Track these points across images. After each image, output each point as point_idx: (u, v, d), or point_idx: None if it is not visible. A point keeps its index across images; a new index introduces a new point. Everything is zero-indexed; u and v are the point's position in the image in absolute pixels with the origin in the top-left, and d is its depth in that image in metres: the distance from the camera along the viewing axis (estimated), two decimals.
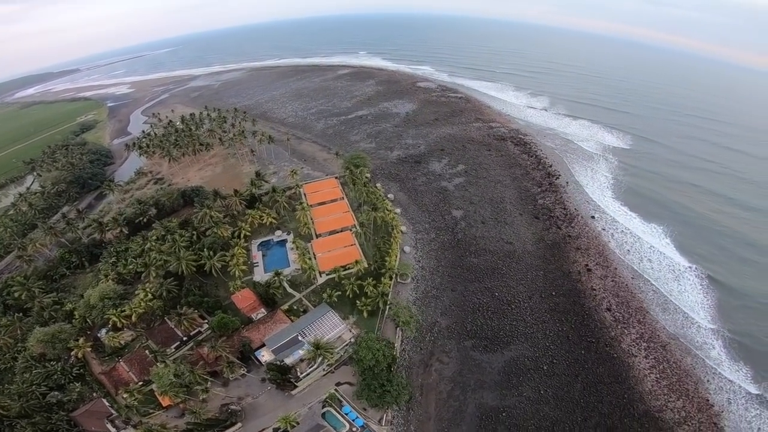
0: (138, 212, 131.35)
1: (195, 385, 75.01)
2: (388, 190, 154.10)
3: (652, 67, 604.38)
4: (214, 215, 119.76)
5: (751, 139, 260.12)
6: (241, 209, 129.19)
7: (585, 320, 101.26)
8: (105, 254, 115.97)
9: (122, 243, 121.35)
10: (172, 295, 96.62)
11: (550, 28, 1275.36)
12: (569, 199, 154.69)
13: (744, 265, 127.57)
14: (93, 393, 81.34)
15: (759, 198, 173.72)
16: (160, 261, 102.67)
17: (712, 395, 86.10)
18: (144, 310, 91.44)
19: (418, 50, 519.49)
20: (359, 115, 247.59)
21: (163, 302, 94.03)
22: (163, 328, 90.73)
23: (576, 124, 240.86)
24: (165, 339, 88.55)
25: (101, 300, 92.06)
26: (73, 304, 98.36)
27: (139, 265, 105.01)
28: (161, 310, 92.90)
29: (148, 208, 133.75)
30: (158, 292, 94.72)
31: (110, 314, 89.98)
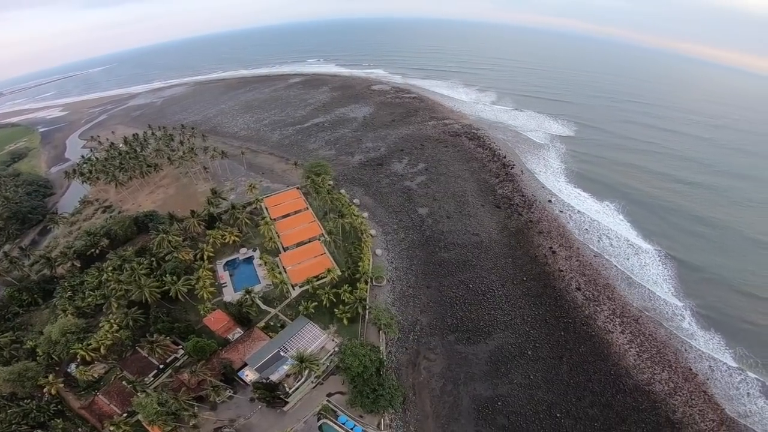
0: (89, 244, 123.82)
1: (182, 412, 72.16)
2: (353, 195, 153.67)
3: (588, 57, 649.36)
4: (173, 239, 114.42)
5: (682, 119, 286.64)
6: (201, 230, 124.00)
7: (558, 302, 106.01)
8: (59, 289, 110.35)
9: (76, 277, 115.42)
10: (139, 324, 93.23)
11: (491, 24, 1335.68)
12: (526, 186, 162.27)
13: (694, 238, 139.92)
14: (78, 429, 78.46)
15: (697, 173, 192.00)
16: (120, 291, 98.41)
17: (693, 364, 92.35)
18: (112, 342, 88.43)
19: (371, 54, 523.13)
20: (315, 122, 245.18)
21: (131, 332, 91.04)
22: (136, 358, 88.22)
23: (523, 116, 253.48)
24: (141, 368, 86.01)
25: (63, 335, 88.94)
26: (34, 341, 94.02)
27: (98, 297, 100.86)
28: (130, 340, 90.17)
29: (99, 239, 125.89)
30: (124, 322, 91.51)
31: (76, 348, 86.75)
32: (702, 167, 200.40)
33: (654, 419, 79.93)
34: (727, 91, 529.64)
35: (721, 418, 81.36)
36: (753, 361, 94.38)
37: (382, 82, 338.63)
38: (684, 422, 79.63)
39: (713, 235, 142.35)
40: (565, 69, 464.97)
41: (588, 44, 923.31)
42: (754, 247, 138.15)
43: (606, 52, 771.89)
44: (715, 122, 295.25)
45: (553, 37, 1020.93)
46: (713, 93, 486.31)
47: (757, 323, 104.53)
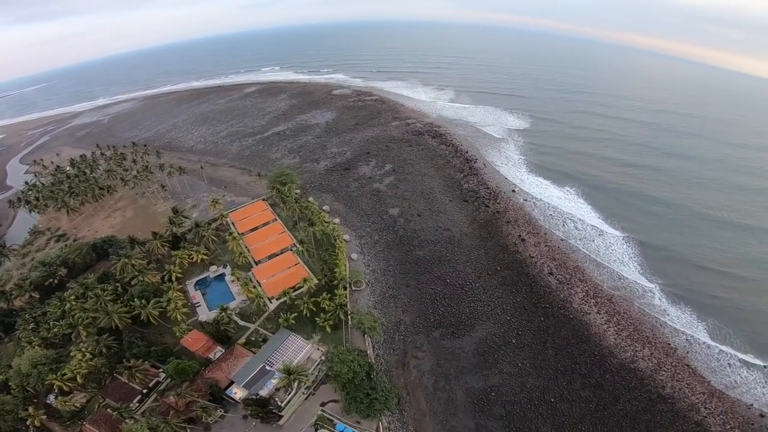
0: (46, 274, 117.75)
1: None
2: (322, 202, 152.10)
3: (537, 51, 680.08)
4: (136, 263, 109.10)
5: (627, 107, 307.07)
6: (165, 252, 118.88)
7: (534, 288, 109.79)
8: (20, 321, 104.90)
9: (37, 308, 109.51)
10: (113, 350, 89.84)
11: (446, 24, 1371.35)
12: (489, 179, 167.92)
13: (651, 218, 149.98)
14: None
15: (646, 157, 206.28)
16: (87, 319, 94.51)
17: (670, 339, 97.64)
18: (88, 370, 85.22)
19: (330, 59, 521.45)
20: (276, 131, 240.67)
21: (106, 359, 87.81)
22: (116, 385, 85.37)
23: (481, 111, 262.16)
24: (123, 395, 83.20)
25: (34, 367, 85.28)
26: (4, 374, 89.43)
27: (64, 326, 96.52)
28: (107, 367, 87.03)
29: (56, 268, 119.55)
30: (96, 350, 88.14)
31: (51, 379, 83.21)
32: (650, 150, 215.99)
33: (646, 396, 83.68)
34: (663, 78, 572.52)
35: (710, 391, 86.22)
36: (726, 332, 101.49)
37: (343, 87, 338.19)
38: (675, 396, 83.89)
39: (668, 214, 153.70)
40: (516, 64, 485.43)
41: (536, 39, 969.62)
42: (706, 222, 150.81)
43: (553, 46, 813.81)
44: (657, 107, 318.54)
45: (504, 33, 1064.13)
46: (652, 80, 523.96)
47: (722, 296, 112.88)
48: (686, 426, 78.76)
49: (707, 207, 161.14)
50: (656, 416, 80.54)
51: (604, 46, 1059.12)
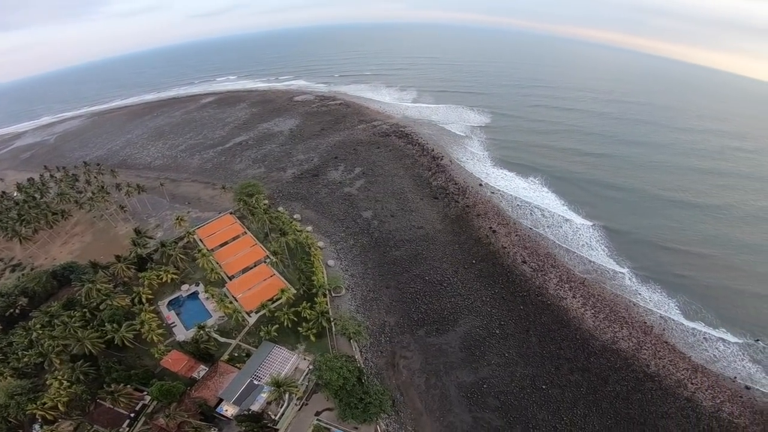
0: (5, 305, 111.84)
1: None
2: (292, 211, 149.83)
3: (492, 48, 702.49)
4: (102, 287, 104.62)
5: (580, 98, 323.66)
6: (132, 274, 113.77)
7: (510, 277, 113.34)
8: None
9: (1, 339, 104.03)
10: (90, 377, 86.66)
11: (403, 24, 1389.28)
12: (457, 175, 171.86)
13: (613, 203, 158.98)
14: None
15: (602, 145, 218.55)
16: (57, 347, 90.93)
17: (646, 317, 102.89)
18: (68, 398, 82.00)
19: (289, 66, 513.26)
20: (238, 141, 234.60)
21: (85, 385, 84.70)
22: (102, 410, 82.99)
23: (443, 110, 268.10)
24: (111, 420, 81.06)
25: (11, 397, 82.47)
26: None
27: (35, 355, 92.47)
28: (88, 394, 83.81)
29: (15, 298, 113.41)
30: (73, 377, 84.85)
31: (32, 409, 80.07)
32: (605, 139, 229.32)
33: (633, 375, 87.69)
34: (610, 68, 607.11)
35: (693, 366, 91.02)
36: (695, 308, 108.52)
37: (305, 92, 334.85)
38: (661, 374, 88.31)
39: (627, 198, 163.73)
40: (474, 62, 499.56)
41: (492, 36, 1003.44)
42: (663, 203, 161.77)
43: (508, 42, 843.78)
44: (607, 97, 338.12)
45: (460, 32, 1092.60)
46: (600, 71, 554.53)
47: (687, 274, 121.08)
48: (678, 402, 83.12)
49: (662, 189, 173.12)
50: (647, 395, 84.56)
51: (556, 40, 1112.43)
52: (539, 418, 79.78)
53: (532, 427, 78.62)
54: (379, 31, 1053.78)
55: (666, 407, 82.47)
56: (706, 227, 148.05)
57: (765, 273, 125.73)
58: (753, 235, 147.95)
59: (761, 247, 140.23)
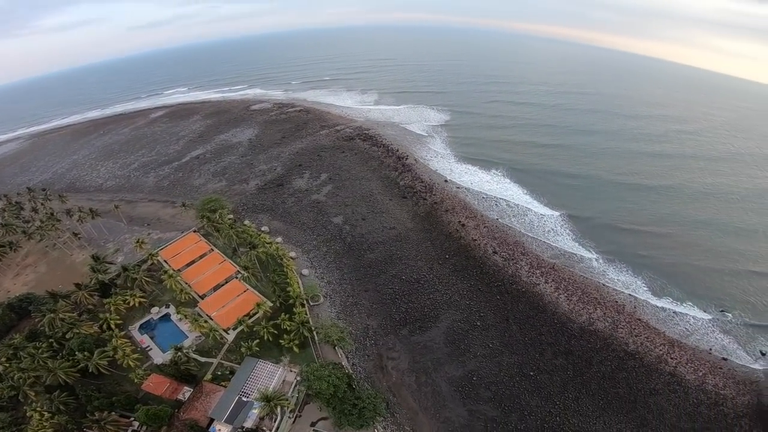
0: None
1: None
2: (259, 223, 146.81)
3: (447, 47, 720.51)
4: (66, 317, 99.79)
5: (533, 92, 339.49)
6: (96, 301, 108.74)
7: (483, 269, 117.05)
8: None
9: None
10: (71, 406, 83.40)
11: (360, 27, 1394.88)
12: (422, 173, 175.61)
13: (572, 190, 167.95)
14: None
15: (557, 137, 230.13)
16: (29, 379, 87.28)
17: (616, 297, 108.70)
18: (53, 429, 78.68)
19: (243, 75, 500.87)
20: (195, 155, 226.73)
21: (68, 415, 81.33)
22: None
23: (405, 110, 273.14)
24: None
25: None
26: None
27: (6, 389, 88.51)
28: (72, 424, 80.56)
29: None
30: (53, 407, 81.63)
31: None
32: (559, 130, 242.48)
33: (614, 355, 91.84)
34: (559, 61, 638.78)
35: (668, 341, 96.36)
36: (661, 284, 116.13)
37: (262, 101, 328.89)
38: (641, 351, 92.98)
39: (584, 185, 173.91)
40: (431, 61, 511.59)
41: (446, 35, 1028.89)
42: (618, 187, 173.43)
43: (460, 40, 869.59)
44: (558, 90, 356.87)
45: (416, 32, 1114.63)
46: (550, 64, 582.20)
47: (648, 254, 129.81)
48: (662, 378, 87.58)
49: (617, 174, 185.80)
50: (631, 373, 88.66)
51: (505, 36, 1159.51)
52: (533, 405, 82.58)
53: (528, 415, 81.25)
54: (335, 36, 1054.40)
55: (652, 384, 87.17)
56: (661, 207, 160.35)
57: (719, 246, 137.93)
58: (703, 210, 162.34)
59: (712, 221, 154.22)
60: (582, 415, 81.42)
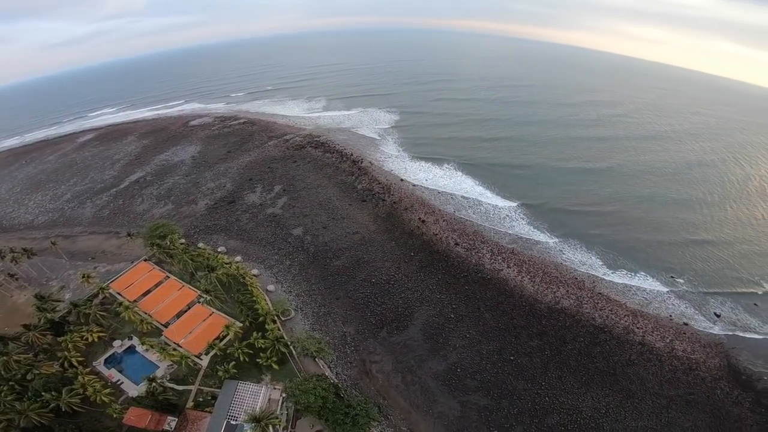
0: None
1: None
2: (215, 244, 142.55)
3: (390, 48, 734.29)
4: (21, 358, 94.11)
5: (474, 87, 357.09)
6: (50, 340, 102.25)
7: (448, 262, 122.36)
8: None
9: None
10: None
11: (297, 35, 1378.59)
12: (379, 174, 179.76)
13: (520, 180, 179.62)
14: None
15: (501, 130, 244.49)
16: (1, 424, 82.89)
17: (575, 274, 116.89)
18: None
19: (178, 90, 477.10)
20: (134, 179, 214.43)
21: None
22: None
23: (355, 115, 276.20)
24: None
25: None
26: None
27: None
28: None
29: None
30: None
31: None
32: (503, 123, 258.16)
33: (585, 330, 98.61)
34: (495, 55, 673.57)
35: (631, 312, 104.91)
36: (614, 258, 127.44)
37: (202, 115, 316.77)
38: (608, 324, 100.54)
39: (532, 173, 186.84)
40: (377, 63, 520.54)
41: (388, 36, 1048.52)
42: (562, 173, 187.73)
43: (401, 40, 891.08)
44: (498, 84, 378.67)
45: (357, 35, 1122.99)
46: (487, 59, 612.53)
47: (598, 231, 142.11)
48: (634, 348, 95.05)
49: (559, 160, 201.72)
50: (605, 346, 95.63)
51: (443, 33, 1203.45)
52: (520, 389, 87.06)
53: (517, 399, 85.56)
54: (275, 45, 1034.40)
55: (626, 354, 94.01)
56: (603, 187, 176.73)
57: (660, 218, 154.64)
58: (641, 186, 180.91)
59: (650, 196, 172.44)
60: (569, 393, 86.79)
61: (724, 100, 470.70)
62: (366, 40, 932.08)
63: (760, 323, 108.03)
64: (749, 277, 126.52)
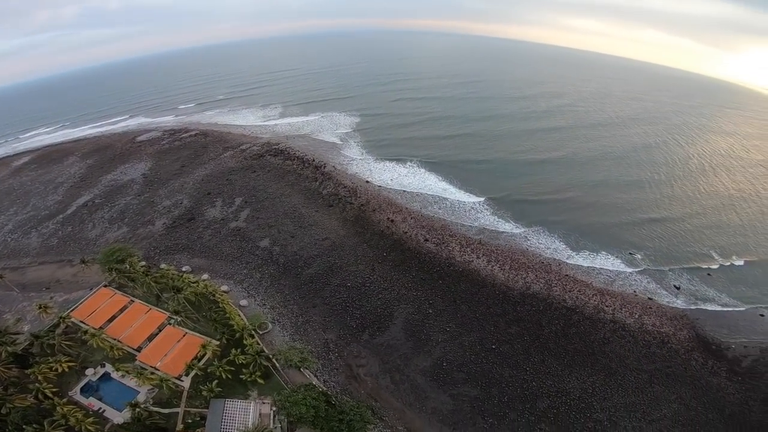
0: None
1: None
2: (178, 264, 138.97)
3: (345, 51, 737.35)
4: None
5: (430, 86, 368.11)
6: (18, 372, 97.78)
7: (420, 258, 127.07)
8: None
9: None
10: None
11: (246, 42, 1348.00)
12: (343, 178, 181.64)
13: (483, 174, 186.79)
14: None
15: (460, 126, 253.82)
16: None
17: (541, 258, 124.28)
18: None
19: (119, 104, 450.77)
20: (81, 203, 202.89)
21: None
22: None
23: (314, 120, 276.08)
24: None
25: None
26: None
27: None
28: None
29: None
30: None
31: None
32: (461, 120, 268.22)
33: (558, 313, 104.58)
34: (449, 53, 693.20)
35: (598, 291, 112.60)
36: (575, 240, 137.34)
37: (149, 130, 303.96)
38: (579, 305, 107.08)
39: (492, 167, 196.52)
40: (332, 66, 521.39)
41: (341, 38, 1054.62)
42: (520, 165, 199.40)
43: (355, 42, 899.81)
44: (454, 81, 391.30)
45: (308, 39, 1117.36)
46: (441, 57, 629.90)
47: (559, 218, 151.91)
48: (606, 326, 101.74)
49: (516, 153, 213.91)
50: (579, 327, 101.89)
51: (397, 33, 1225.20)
52: (506, 376, 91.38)
53: (505, 386, 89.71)
54: (221, 53, 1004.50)
55: (601, 333, 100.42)
56: (559, 175, 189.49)
57: (615, 201, 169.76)
58: (595, 172, 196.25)
59: (604, 180, 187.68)
60: (554, 376, 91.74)
61: (658, 86, 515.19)
62: (319, 44, 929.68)
63: (716, 293, 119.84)
64: (700, 249, 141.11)
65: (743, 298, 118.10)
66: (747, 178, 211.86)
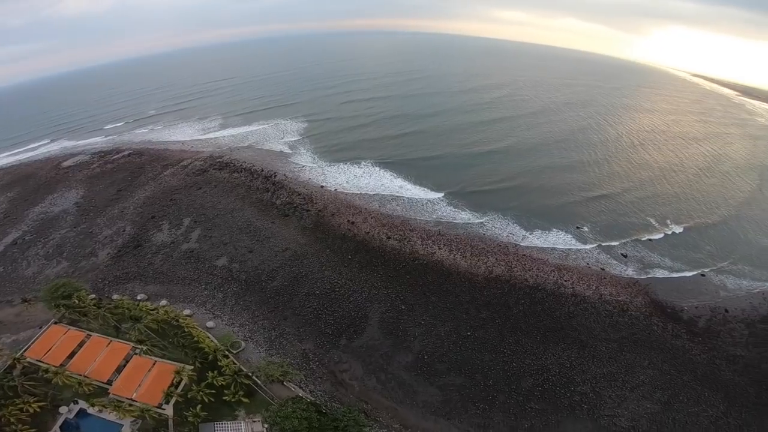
0: None
1: None
2: (132, 292, 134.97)
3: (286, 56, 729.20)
4: None
5: (376, 86, 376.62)
6: None
7: (385, 256, 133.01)
8: None
9: None
10: None
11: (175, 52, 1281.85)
12: (297, 186, 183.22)
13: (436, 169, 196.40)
14: None
15: (411, 124, 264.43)
16: None
17: (499, 241, 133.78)
18: None
19: (35, 129, 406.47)
20: (10, 242, 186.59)
21: None
22: None
23: (258, 129, 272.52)
24: None
25: None
26: None
27: None
28: None
29: None
30: None
31: None
32: (410, 118, 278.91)
33: (523, 293, 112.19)
34: (390, 51, 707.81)
35: (556, 266, 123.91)
36: (527, 221, 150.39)
37: (76, 153, 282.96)
38: (540, 282, 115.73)
39: (444, 162, 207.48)
40: (275, 73, 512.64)
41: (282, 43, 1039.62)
42: (470, 157, 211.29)
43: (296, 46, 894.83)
44: (397, 79, 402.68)
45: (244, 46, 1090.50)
46: (382, 56, 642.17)
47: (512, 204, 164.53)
48: (569, 300, 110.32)
49: (466, 146, 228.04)
50: (544, 305, 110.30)
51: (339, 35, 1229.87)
52: (486, 360, 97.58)
53: (488, 370, 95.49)
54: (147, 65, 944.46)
55: (565, 308, 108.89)
56: (507, 164, 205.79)
57: (560, 183, 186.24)
58: (539, 157, 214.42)
59: (549, 165, 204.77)
60: (532, 355, 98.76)
61: (584, 71, 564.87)
62: (256, 51, 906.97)
63: (660, 257, 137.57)
64: (641, 220, 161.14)
65: (686, 261, 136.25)
66: (671, 149, 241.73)
